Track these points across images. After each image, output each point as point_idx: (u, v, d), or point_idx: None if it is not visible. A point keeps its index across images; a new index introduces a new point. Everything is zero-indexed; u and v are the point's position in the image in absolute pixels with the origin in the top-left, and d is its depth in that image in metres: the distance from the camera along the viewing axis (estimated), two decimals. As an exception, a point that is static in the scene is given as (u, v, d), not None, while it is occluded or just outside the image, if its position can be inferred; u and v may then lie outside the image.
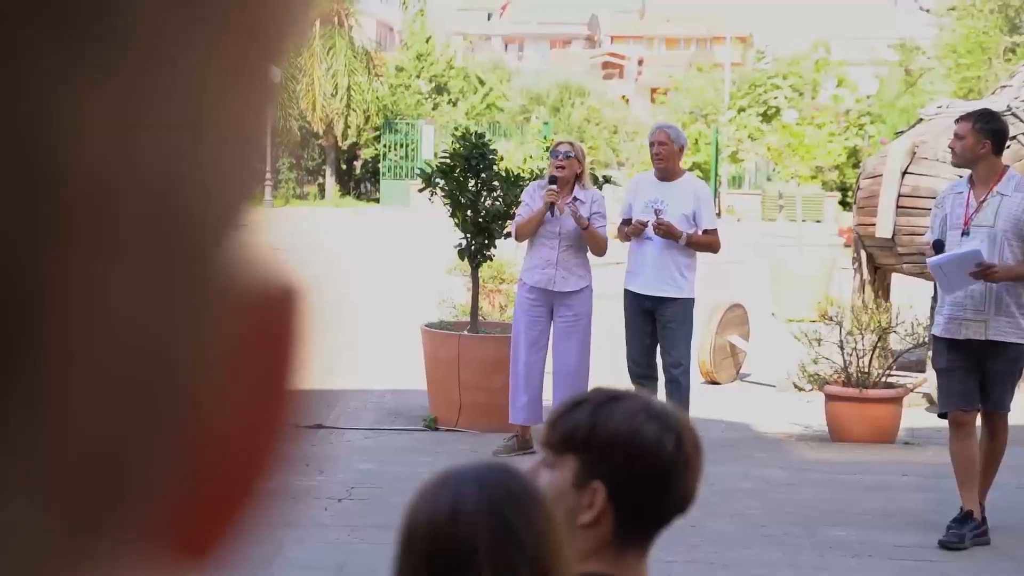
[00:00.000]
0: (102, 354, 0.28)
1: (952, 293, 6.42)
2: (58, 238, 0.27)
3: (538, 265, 7.91)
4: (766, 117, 36.80)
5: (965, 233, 6.36)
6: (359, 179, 39.45)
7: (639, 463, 1.83)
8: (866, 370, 8.60)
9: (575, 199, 7.82)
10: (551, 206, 7.74)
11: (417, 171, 8.93)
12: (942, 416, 6.67)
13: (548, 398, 7.98)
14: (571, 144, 7.98)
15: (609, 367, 8.48)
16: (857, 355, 8.64)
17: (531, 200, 7.93)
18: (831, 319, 8.88)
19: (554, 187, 7.73)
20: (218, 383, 0.31)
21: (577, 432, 1.86)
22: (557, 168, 7.78)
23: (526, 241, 8.02)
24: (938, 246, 6.46)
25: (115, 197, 0.27)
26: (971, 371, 6.42)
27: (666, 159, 7.92)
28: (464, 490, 1.65)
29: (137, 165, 0.28)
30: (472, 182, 8.64)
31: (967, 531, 6.29)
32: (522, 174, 8.90)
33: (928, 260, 6.56)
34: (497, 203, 8.63)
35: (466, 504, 1.64)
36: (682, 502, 1.88)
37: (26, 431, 0.27)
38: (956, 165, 6.93)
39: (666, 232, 7.74)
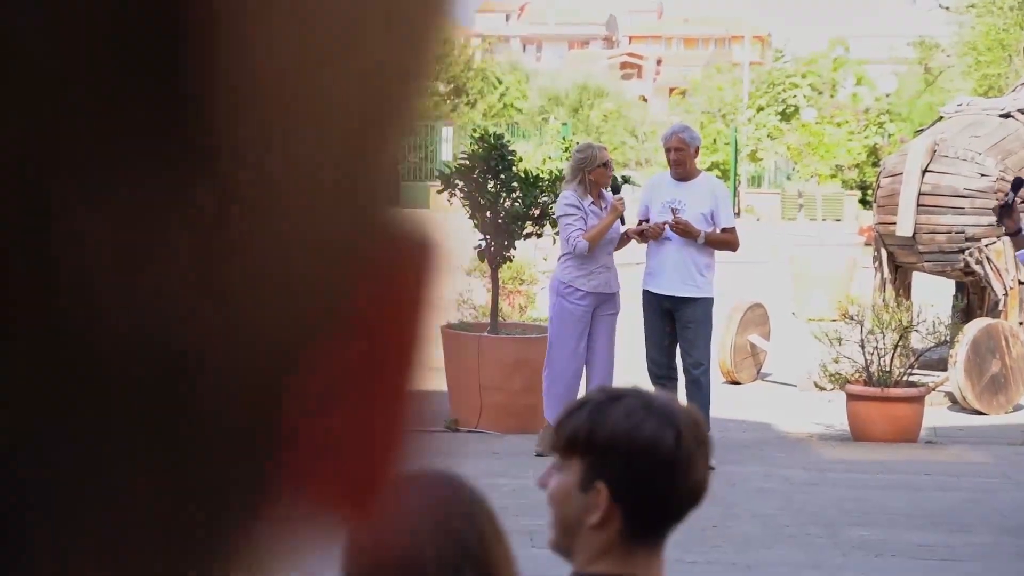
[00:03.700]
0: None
1: None
2: None
3: (596, 270, 7.89)
4: (785, 116, 36.71)
5: None
6: (378, 181, 39.56)
7: (639, 460, 1.82)
8: (887, 369, 8.57)
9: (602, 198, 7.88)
10: (622, 216, 7.85)
11: (436, 172, 8.91)
12: None
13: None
14: (604, 149, 8.12)
15: (630, 367, 8.47)
16: (878, 354, 8.61)
17: (579, 209, 7.85)
18: (852, 318, 8.84)
19: (622, 197, 7.84)
20: (352, 322, 0.29)
21: (578, 434, 1.86)
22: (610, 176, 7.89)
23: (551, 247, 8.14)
24: (1017, 184, 6.09)
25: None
26: None
27: (684, 163, 7.93)
28: (411, 500, 1.63)
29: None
30: (491, 183, 8.63)
31: None
32: (541, 175, 8.88)
33: None
34: (516, 204, 8.62)
35: (413, 514, 1.62)
36: (692, 496, 1.86)
37: None
38: None
39: (683, 230, 7.72)
